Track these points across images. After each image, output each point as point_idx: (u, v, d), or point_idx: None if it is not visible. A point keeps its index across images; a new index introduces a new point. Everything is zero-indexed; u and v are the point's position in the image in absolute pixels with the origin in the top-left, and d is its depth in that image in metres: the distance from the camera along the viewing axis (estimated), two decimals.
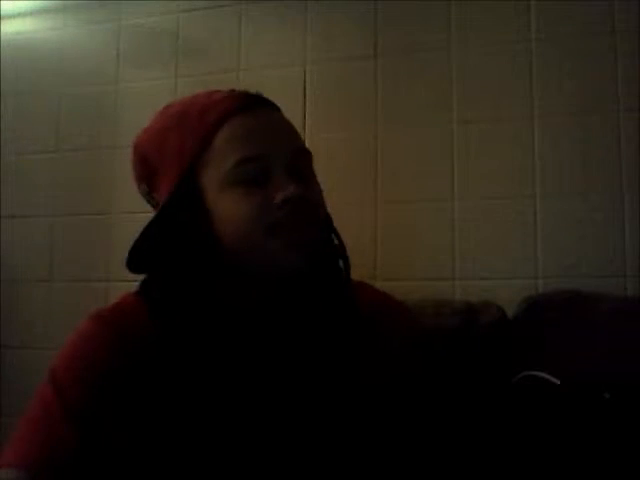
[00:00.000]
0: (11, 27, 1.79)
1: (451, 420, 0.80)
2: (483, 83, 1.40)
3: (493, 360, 1.13)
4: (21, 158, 1.73)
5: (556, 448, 0.98)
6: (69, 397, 0.65)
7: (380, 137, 1.46)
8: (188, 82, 1.60)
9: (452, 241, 1.38)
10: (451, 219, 1.39)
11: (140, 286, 0.76)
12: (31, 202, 1.71)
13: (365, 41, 1.50)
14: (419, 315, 1.18)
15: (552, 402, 1.01)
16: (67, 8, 1.74)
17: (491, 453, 1.01)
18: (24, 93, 1.75)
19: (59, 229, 1.67)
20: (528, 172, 1.35)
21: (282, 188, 0.69)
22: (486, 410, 1.06)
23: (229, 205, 0.70)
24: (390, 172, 1.44)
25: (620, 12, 1.33)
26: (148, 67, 1.66)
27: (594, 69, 1.34)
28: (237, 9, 1.60)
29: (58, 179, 1.69)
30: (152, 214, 0.74)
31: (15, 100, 1.75)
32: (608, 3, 1.34)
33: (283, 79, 1.54)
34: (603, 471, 0.95)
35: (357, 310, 0.76)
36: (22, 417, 0.66)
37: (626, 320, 1.09)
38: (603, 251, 1.29)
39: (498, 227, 1.36)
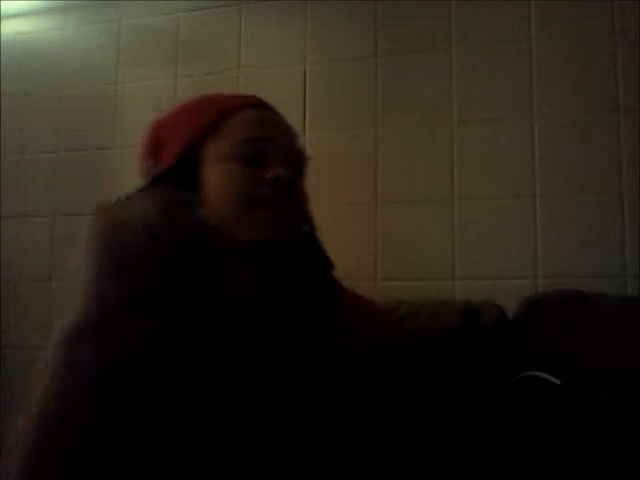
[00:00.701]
0: (11, 27, 1.79)
1: (438, 420, 0.80)
2: (483, 83, 1.41)
3: (493, 360, 1.13)
4: (21, 158, 1.74)
5: (556, 448, 0.98)
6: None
7: (380, 137, 1.46)
8: (188, 82, 1.60)
9: (452, 241, 1.38)
10: (451, 219, 1.39)
11: None
12: (31, 202, 1.71)
13: (365, 41, 1.50)
14: (419, 315, 1.18)
15: (552, 402, 1.01)
16: (67, 8, 1.74)
17: (491, 453, 1.01)
18: (24, 93, 1.75)
19: (59, 229, 1.67)
20: (528, 172, 1.35)
21: (275, 167, 0.74)
22: (486, 410, 1.06)
23: (223, 175, 0.75)
24: (390, 172, 1.44)
25: (620, 12, 1.33)
26: (148, 67, 1.66)
27: (594, 69, 1.34)
28: (237, 9, 1.60)
29: (58, 179, 1.69)
30: None
31: (15, 100, 1.75)
32: (608, 3, 1.34)
33: (283, 79, 1.54)
34: (603, 471, 0.95)
35: (335, 302, 0.78)
36: None
37: (626, 320, 1.09)
38: (603, 251, 1.29)
39: (498, 227, 1.36)
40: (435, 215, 1.40)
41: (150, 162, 0.79)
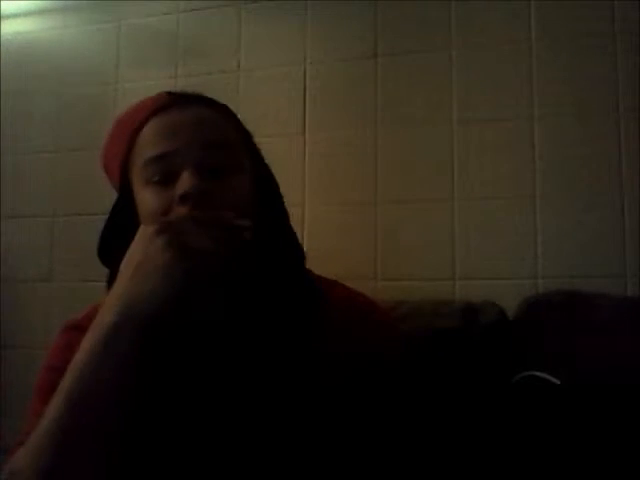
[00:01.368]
0: (11, 27, 1.79)
1: (438, 421, 0.79)
2: (483, 83, 1.40)
3: (493, 360, 1.13)
4: (21, 158, 1.73)
5: (556, 448, 0.98)
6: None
7: (380, 137, 1.46)
8: (188, 82, 1.60)
9: (452, 241, 1.38)
10: (451, 219, 1.39)
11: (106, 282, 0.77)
12: (31, 202, 1.71)
13: (365, 41, 1.49)
14: (419, 315, 1.18)
15: (552, 402, 1.01)
16: (67, 8, 1.74)
17: (491, 453, 1.01)
18: (24, 93, 1.75)
19: (59, 229, 1.67)
20: (528, 172, 1.35)
21: (182, 185, 0.69)
22: (486, 410, 1.06)
23: (141, 201, 0.73)
24: (390, 172, 1.44)
25: (620, 12, 1.33)
26: (148, 67, 1.66)
27: (594, 69, 1.34)
28: (237, 9, 1.60)
29: (58, 179, 1.69)
30: None
31: (15, 100, 1.75)
32: (608, 3, 1.34)
33: (283, 79, 1.54)
34: (603, 471, 0.95)
35: (322, 301, 0.76)
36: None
37: (626, 320, 1.08)
38: (603, 251, 1.29)
39: (498, 227, 1.36)
40: (435, 215, 1.40)
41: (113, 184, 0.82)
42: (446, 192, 1.40)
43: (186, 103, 0.77)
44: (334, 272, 0.86)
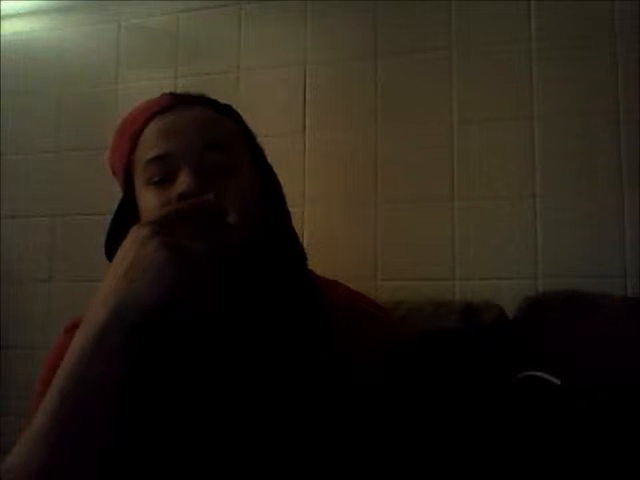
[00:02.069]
0: (11, 27, 1.79)
1: (438, 421, 0.79)
2: (483, 83, 1.40)
3: (493, 360, 1.13)
4: (21, 158, 1.74)
5: (556, 448, 0.98)
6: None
7: (380, 137, 1.46)
8: (188, 82, 1.60)
9: (452, 241, 1.38)
10: (451, 219, 1.39)
11: None
12: (31, 202, 1.71)
13: (365, 41, 1.49)
14: (419, 315, 1.19)
15: (552, 402, 1.01)
16: (67, 8, 1.74)
17: (491, 453, 1.01)
18: (24, 93, 1.75)
19: (59, 229, 1.67)
20: (528, 172, 1.35)
21: (180, 185, 0.70)
22: (486, 410, 1.06)
23: (142, 202, 0.74)
24: (390, 172, 1.44)
25: (620, 12, 1.33)
26: (148, 67, 1.66)
27: (594, 69, 1.34)
28: (237, 9, 1.60)
29: (58, 179, 1.69)
30: None
31: (15, 100, 1.75)
32: (608, 3, 1.34)
33: (283, 79, 1.54)
34: (603, 471, 0.95)
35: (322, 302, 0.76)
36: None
37: (626, 320, 1.09)
38: (603, 251, 1.29)
39: (498, 227, 1.36)
40: (435, 215, 1.40)
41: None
42: (446, 192, 1.40)
43: (188, 104, 0.77)
44: (334, 272, 0.86)
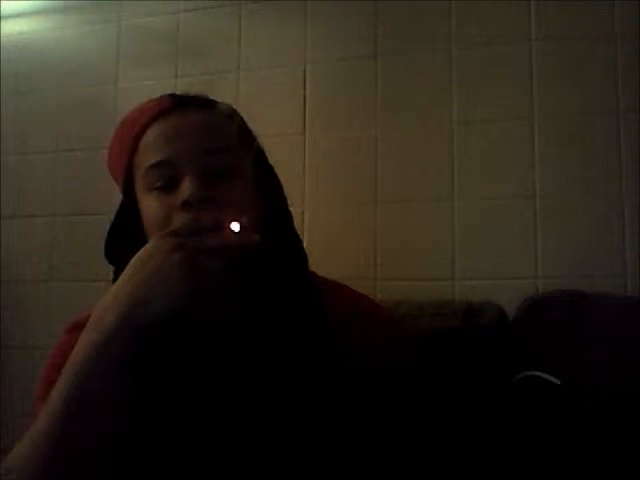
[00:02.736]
0: (11, 27, 1.79)
1: (438, 421, 0.79)
2: (483, 83, 1.40)
3: (493, 360, 1.13)
4: (21, 158, 1.73)
5: (556, 448, 0.98)
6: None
7: (380, 137, 1.46)
8: (188, 82, 1.60)
9: (452, 241, 1.38)
10: (451, 219, 1.39)
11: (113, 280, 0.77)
12: (31, 202, 1.71)
13: (365, 41, 1.49)
14: (419, 315, 1.19)
15: (552, 402, 1.01)
16: (67, 8, 1.74)
17: (491, 453, 1.01)
18: (24, 93, 1.75)
19: (59, 229, 1.67)
20: (528, 172, 1.35)
21: (184, 192, 0.70)
22: (486, 410, 1.06)
23: (144, 207, 0.74)
24: (390, 172, 1.44)
25: (620, 13, 1.33)
26: (148, 67, 1.66)
27: (594, 69, 1.33)
28: (237, 9, 1.60)
29: (58, 179, 1.69)
30: None
31: (15, 100, 1.75)
32: (608, 3, 1.34)
33: (283, 79, 1.54)
34: (603, 471, 0.95)
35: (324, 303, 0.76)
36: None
37: (626, 320, 1.09)
38: (603, 251, 1.29)
39: (498, 227, 1.36)
40: (435, 215, 1.40)
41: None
42: (446, 192, 1.40)
43: (188, 107, 0.77)
44: (334, 272, 0.86)
